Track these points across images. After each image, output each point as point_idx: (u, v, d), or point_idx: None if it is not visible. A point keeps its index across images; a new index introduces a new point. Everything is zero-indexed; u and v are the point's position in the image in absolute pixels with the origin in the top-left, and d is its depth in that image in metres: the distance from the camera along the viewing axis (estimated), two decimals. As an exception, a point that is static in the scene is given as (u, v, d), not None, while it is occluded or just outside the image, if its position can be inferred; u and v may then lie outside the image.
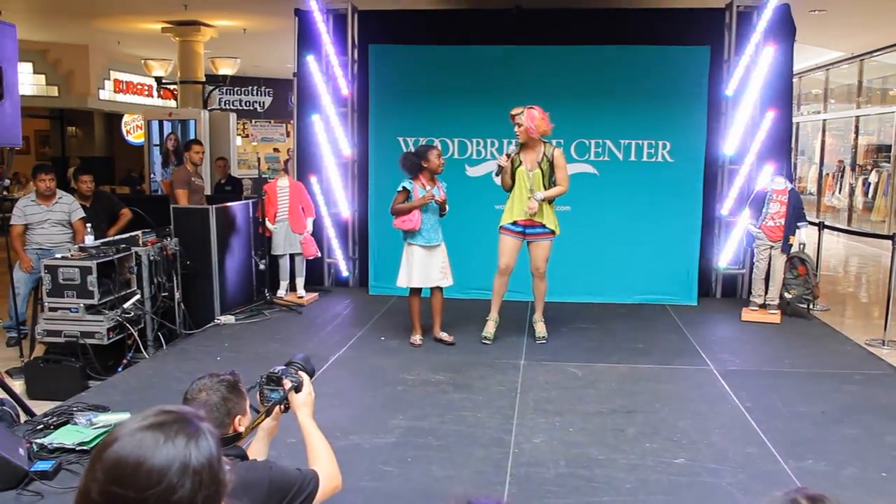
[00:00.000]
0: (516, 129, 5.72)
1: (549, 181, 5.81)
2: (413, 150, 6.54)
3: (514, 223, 5.85)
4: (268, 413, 2.15)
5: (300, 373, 2.23)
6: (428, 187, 5.74)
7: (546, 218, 5.82)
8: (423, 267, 5.81)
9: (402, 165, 5.79)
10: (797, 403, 4.67)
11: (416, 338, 5.97)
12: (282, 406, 2.18)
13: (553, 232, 5.87)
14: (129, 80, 15.68)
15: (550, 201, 5.84)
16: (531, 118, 5.61)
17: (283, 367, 2.24)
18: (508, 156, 5.75)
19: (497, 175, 5.88)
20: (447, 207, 5.82)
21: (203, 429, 1.17)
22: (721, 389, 4.94)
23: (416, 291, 5.96)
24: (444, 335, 5.99)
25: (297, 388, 2.20)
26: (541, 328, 6.12)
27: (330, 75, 7.77)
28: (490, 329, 6.03)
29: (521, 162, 5.79)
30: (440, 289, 5.95)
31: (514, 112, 5.71)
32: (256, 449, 2.22)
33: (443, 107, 7.52)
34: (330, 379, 5.02)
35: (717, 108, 7.49)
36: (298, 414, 2.18)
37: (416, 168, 5.72)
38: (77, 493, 1.14)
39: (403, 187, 5.75)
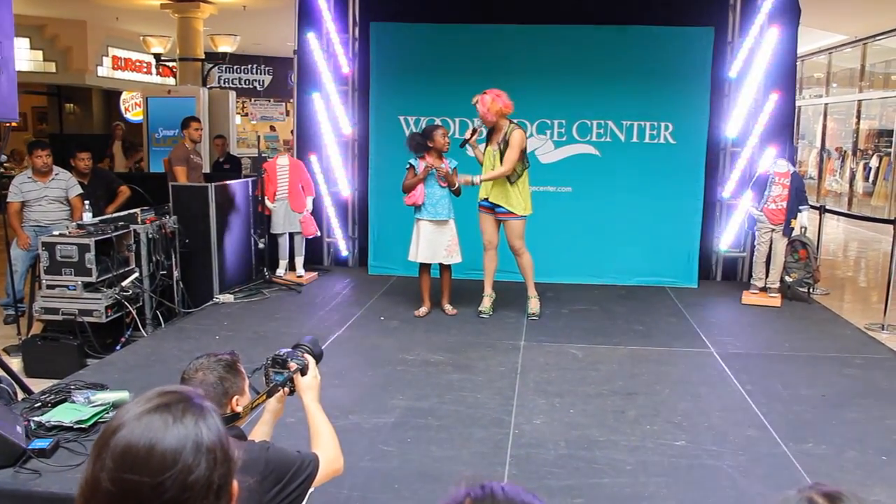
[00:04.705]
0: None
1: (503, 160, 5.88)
2: (420, 130, 6.60)
3: (484, 200, 6.01)
4: (269, 394, 2.12)
5: (306, 356, 2.20)
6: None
7: (511, 201, 5.87)
8: (430, 243, 5.99)
9: (409, 145, 5.96)
10: (797, 386, 4.67)
11: (422, 309, 6.14)
12: (286, 388, 2.16)
13: (516, 213, 5.92)
14: (127, 56, 15.54)
15: (511, 182, 5.85)
16: (483, 103, 5.75)
17: (290, 350, 2.21)
18: (475, 130, 5.89)
19: (461, 146, 6.01)
20: (456, 184, 5.91)
21: (207, 407, 1.14)
22: (721, 372, 4.94)
23: (424, 268, 6.14)
24: (447, 307, 6.15)
25: (303, 371, 2.17)
26: (533, 304, 6.14)
27: (330, 53, 7.69)
28: (486, 304, 6.16)
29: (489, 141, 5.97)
30: (449, 267, 6.10)
31: (473, 102, 5.83)
32: (261, 431, 2.20)
33: (444, 86, 7.44)
34: (329, 358, 4.91)
35: (720, 90, 7.43)
36: (303, 397, 2.16)
37: (422, 147, 5.89)
38: (83, 484, 1.08)
39: (409, 164, 5.96)
